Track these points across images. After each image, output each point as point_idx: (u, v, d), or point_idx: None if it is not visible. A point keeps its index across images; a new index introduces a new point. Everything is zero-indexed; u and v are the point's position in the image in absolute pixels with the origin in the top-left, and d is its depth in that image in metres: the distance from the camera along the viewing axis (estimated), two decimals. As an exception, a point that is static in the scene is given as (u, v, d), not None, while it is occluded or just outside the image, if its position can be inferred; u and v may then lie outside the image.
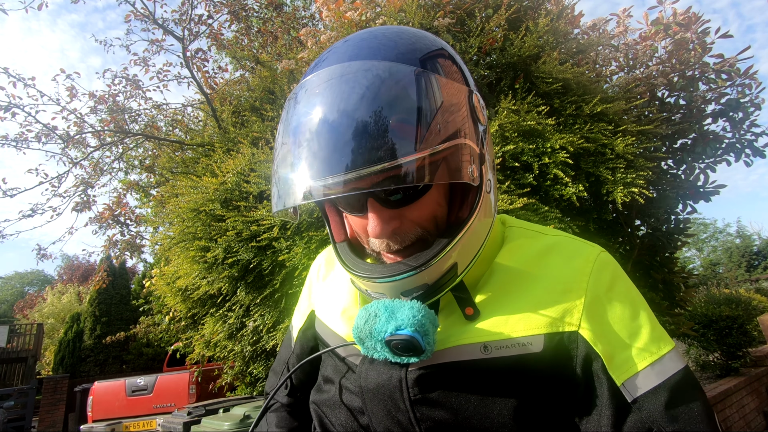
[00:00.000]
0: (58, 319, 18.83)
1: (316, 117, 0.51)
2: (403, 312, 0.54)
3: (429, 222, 0.58)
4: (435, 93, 0.53)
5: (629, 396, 0.53)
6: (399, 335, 0.53)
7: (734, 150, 3.58)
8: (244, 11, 5.60)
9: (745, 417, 5.12)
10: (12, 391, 10.40)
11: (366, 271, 0.59)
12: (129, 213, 5.61)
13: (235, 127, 3.69)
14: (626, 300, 0.59)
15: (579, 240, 0.66)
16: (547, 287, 0.59)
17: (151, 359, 14.75)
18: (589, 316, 0.56)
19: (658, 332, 0.57)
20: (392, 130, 0.48)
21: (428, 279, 0.57)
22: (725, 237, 35.61)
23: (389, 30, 0.61)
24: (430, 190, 0.57)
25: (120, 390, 6.97)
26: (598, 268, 0.60)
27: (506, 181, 2.20)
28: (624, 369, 0.54)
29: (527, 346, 0.55)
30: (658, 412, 0.51)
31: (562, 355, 0.56)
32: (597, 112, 2.49)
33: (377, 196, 0.56)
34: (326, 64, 0.56)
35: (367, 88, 0.50)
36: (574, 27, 3.08)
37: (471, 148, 0.55)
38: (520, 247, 0.65)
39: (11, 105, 4.70)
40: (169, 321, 3.93)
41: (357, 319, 0.58)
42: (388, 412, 0.59)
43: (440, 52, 0.59)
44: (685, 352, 7.25)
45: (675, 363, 0.55)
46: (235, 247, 2.54)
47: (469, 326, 0.59)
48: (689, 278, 3.76)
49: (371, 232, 0.56)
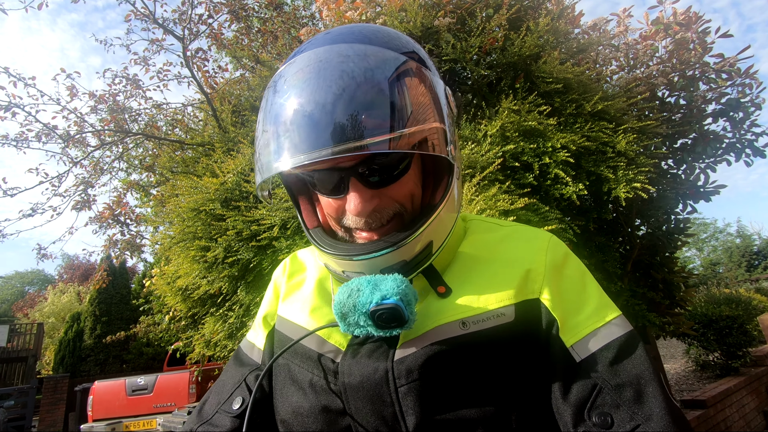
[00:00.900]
0: (58, 318, 18.85)
1: (307, 92, 0.54)
2: (387, 283, 0.56)
3: (406, 199, 0.62)
4: (416, 77, 0.57)
5: (577, 357, 0.57)
6: (384, 304, 0.54)
7: (734, 150, 3.58)
8: (244, 11, 5.60)
9: (745, 417, 5.12)
10: (12, 391, 10.42)
11: (344, 250, 0.61)
12: (129, 212, 5.61)
13: (236, 127, 3.69)
14: (577, 273, 0.65)
15: (532, 227, 0.72)
16: (510, 264, 0.64)
17: (152, 359, 14.77)
18: (548, 285, 0.62)
19: (605, 301, 0.63)
20: (374, 111, 0.52)
21: (406, 256, 0.60)
22: (725, 237, 35.65)
23: (367, 27, 0.64)
24: (409, 171, 0.61)
25: (120, 389, 6.98)
26: (553, 246, 0.67)
27: (506, 181, 2.20)
28: (574, 332, 0.59)
29: (502, 317, 0.59)
30: (602, 370, 0.56)
31: (531, 321, 0.60)
32: (598, 111, 2.49)
33: (359, 176, 0.58)
34: (304, 52, 0.60)
35: (352, 68, 0.54)
36: (575, 27, 3.08)
37: (447, 133, 0.60)
38: (481, 236, 0.71)
39: (11, 104, 4.71)
40: (170, 320, 3.93)
41: (337, 296, 0.58)
42: (373, 408, 0.57)
43: (412, 54, 0.62)
44: (685, 352, 7.25)
45: (620, 328, 0.60)
46: (235, 246, 2.54)
47: (444, 306, 0.61)
48: (689, 278, 3.77)
49: (353, 210, 0.58)
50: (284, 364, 0.69)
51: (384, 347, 0.60)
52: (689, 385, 6.08)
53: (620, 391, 0.54)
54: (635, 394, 0.54)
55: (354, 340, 0.63)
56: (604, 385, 0.55)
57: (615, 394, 0.54)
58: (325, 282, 0.73)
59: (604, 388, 0.55)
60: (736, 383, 5.17)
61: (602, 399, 0.54)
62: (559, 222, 2.12)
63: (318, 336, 0.66)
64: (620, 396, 0.54)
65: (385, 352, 0.59)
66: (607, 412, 0.53)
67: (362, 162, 0.57)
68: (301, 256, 0.84)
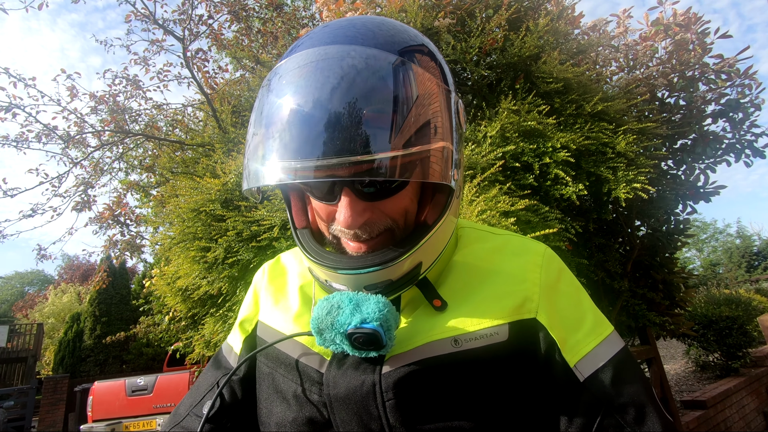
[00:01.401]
0: (58, 318, 18.84)
1: (306, 97, 0.50)
2: (369, 305, 0.54)
3: (400, 215, 0.59)
4: (415, 87, 0.52)
5: (581, 376, 0.57)
6: (363, 329, 0.52)
7: (734, 150, 3.59)
8: (245, 11, 5.60)
9: (745, 417, 5.12)
10: (12, 391, 10.41)
11: (330, 261, 0.58)
12: (129, 213, 5.61)
13: (236, 128, 3.69)
14: (572, 289, 0.64)
15: (527, 238, 0.71)
16: (504, 280, 0.62)
17: (151, 359, 14.74)
18: (544, 304, 0.60)
19: (600, 317, 0.63)
20: (378, 123, 0.48)
21: (392, 275, 0.57)
22: (725, 237, 35.67)
23: (370, 20, 0.59)
24: (406, 187, 0.58)
25: (120, 390, 6.97)
26: (548, 261, 0.65)
27: (507, 181, 2.20)
28: (575, 351, 0.58)
29: (494, 336, 0.57)
30: (606, 389, 0.56)
31: (526, 341, 0.58)
32: (598, 111, 2.49)
33: (353, 186, 0.55)
34: (302, 49, 0.55)
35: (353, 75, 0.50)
36: (575, 27, 3.08)
37: (452, 152, 0.56)
38: (475, 246, 0.68)
39: (12, 105, 4.71)
40: (169, 321, 3.93)
41: (316, 309, 0.56)
42: (360, 421, 0.56)
43: (420, 48, 0.58)
44: (685, 353, 7.25)
45: (616, 344, 0.60)
46: (235, 247, 2.54)
47: (437, 321, 0.59)
48: (689, 278, 3.77)
49: (343, 222, 0.55)
50: (268, 374, 0.67)
51: (371, 359, 0.58)
52: (689, 385, 6.08)
53: (623, 411, 0.55)
54: (637, 415, 0.55)
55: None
56: (608, 406, 0.55)
57: (619, 415, 0.55)
58: (307, 288, 0.71)
59: (609, 410, 0.55)
60: (736, 384, 5.17)
61: (608, 421, 0.55)
62: (559, 222, 2.12)
63: (302, 344, 0.63)
64: (624, 417, 0.54)
65: (372, 364, 0.57)
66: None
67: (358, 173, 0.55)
68: (284, 260, 0.81)
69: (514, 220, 1.85)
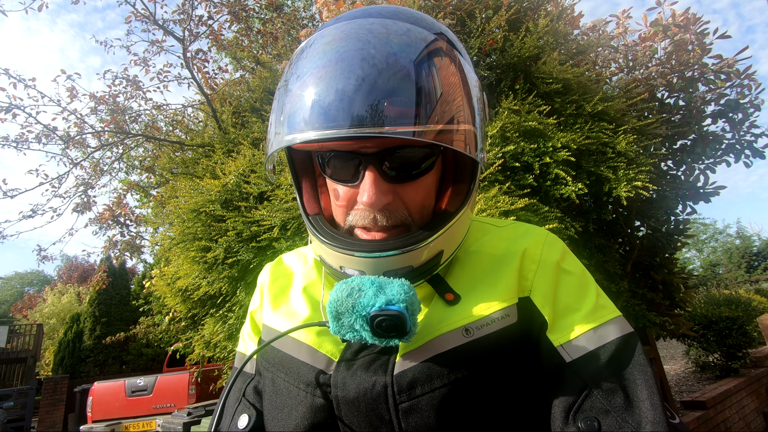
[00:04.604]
0: (58, 319, 18.82)
1: (345, 64, 0.49)
2: (393, 287, 0.51)
3: (416, 208, 0.58)
4: (458, 70, 0.55)
5: (567, 357, 0.54)
6: (388, 310, 0.48)
7: (734, 151, 3.59)
8: (245, 12, 5.61)
9: (745, 418, 5.12)
10: (12, 392, 10.39)
11: (347, 244, 0.56)
12: (129, 213, 5.61)
13: (236, 128, 3.69)
14: (575, 271, 0.62)
15: (531, 225, 0.71)
16: (508, 260, 0.62)
17: (151, 360, 14.74)
18: (540, 281, 0.59)
19: (603, 301, 0.60)
20: (422, 95, 0.49)
21: (413, 262, 0.56)
22: (725, 238, 35.65)
23: (395, 6, 0.61)
24: (429, 173, 0.58)
25: (120, 390, 6.96)
26: (551, 241, 0.65)
27: (506, 181, 2.20)
28: (565, 333, 0.56)
29: (506, 319, 0.56)
30: (594, 372, 0.53)
31: (527, 319, 0.57)
32: (598, 111, 2.49)
33: (378, 166, 0.54)
34: (346, 19, 0.56)
35: (397, 47, 0.51)
36: (574, 28, 3.09)
37: (479, 137, 0.57)
38: (480, 237, 0.68)
39: (12, 106, 4.71)
40: (169, 321, 3.93)
41: (335, 291, 0.52)
42: (371, 425, 0.53)
43: (448, 32, 0.60)
44: (684, 353, 7.25)
45: (618, 329, 0.56)
46: (235, 247, 2.54)
47: (447, 313, 0.57)
48: (689, 279, 3.77)
49: (366, 200, 0.54)
50: (270, 378, 0.64)
51: (382, 359, 0.55)
52: (689, 386, 6.08)
53: (611, 395, 0.51)
54: (626, 400, 0.51)
55: (347, 350, 0.58)
56: (594, 388, 0.52)
57: (605, 398, 0.51)
58: (312, 289, 0.68)
59: (593, 391, 0.52)
60: (735, 384, 5.16)
61: (590, 403, 0.51)
62: (559, 222, 2.12)
63: (307, 345, 0.60)
64: (610, 401, 0.51)
65: (383, 364, 0.55)
66: (594, 416, 0.50)
67: (385, 151, 0.54)
68: (286, 261, 0.78)
69: (514, 219, 1.85)
